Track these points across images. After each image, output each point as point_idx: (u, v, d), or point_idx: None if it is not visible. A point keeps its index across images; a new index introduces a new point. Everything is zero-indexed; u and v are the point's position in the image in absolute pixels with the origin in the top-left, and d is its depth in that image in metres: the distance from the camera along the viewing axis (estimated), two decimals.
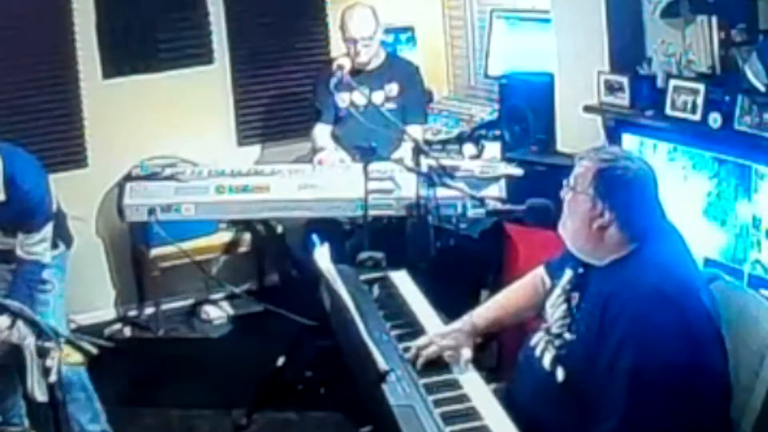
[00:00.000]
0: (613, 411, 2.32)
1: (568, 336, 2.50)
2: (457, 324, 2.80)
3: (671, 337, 2.32)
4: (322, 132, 4.78)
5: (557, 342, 2.53)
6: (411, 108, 4.70)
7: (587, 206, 2.50)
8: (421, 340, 2.70)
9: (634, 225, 2.48)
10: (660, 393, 2.29)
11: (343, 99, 4.66)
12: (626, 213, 2.47)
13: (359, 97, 4.56)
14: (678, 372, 2.30)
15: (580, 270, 2.58)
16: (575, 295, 2.56)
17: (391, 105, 4.64)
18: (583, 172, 2.53)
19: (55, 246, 3.75)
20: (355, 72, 4.63)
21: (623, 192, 2.48)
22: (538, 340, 2.63)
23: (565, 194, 2.59)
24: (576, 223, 2.54)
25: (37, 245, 3.58)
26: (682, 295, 2.38)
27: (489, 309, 2.89)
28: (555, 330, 2.56)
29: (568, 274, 2.64)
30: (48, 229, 3.61)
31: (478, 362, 2.69)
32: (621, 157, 2.56)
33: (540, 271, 2.89)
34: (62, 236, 3.83)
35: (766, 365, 2.43)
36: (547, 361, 2.54)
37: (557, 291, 2.65)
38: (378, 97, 4.66)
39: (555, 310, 2.60)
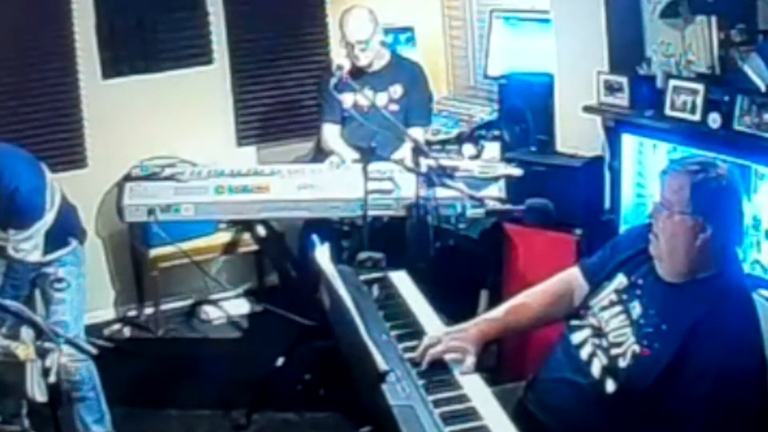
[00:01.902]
0: (680, 428, 2.31)
1: (636, 348, 2.43)
2: (468, 325, 2.73)
3: (753, 362, 2.32)
4: (331, 133, 4.77)
5: (614, 351, 2.47)
6: (414, 109, 4.70)
7: (689, 224, 2.41)
8: (429, 339, 2.65)
9: (730, 236, 2.45)
10: (728, 421, 2.28)
11: (346, 100, 4.65)
12: (725, 223, 2.43)
13: (363, 99, 4.55)
14: (749, 403, 2.30)
15: (639, 280, 2.54)
16: (635, 305, 2.50)
17: (394, 107, 4.63)
18: (676, 189, 2.44)
19: (65, 243, 3.74)
20: (360, 73, 4.63)
21: (722, 202, 2.43)
22: (582, 340, 2.56)
23: (657, 219, 2.48)
24: (676, 243, 2.45)
25: (23, 242, 3.57)
26: (757, 318, 2.38)
27: (501, 313, 2.79)
28: (613, 339, 2.49)
29: (621, 279, 2.58)
30: (37, 228, 3.58)
31: (478, 362, 2.67)
32: (710, 166, 2.48)
33: (569, 275, 2.80)
34: (72, 232, 3.81)
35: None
36: (596, 369, 2.48)
37: (609, 295, 2.58)
38: (382, 98, 4.65)
39: (611, 318, 2.53)
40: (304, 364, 4.33)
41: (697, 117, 3.57)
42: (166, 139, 5.17)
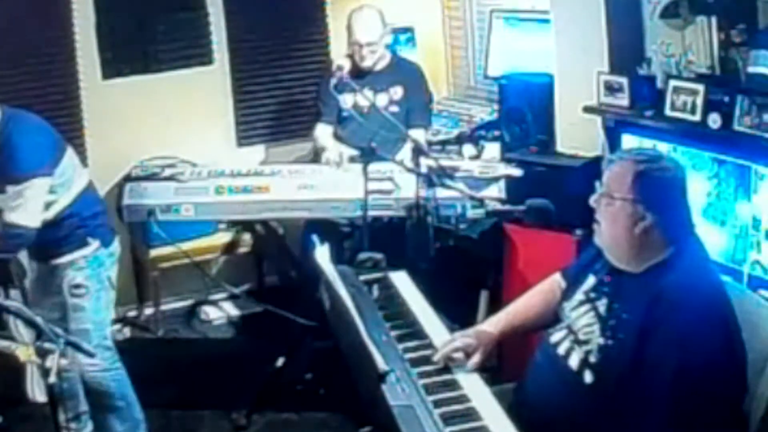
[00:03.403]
0: (654, 413, 2.32)
1: (601, 341, 2.46)
2: (480, 326, 2.80)
3: (715, 342, 2.32)
4: (323, 132, 4.77)
5: (585, 347, 2.50)
6: (415, 111, 4.70)
7: (628, 211, 2.44)
8: (444, 340, 2.71)
9: (674, 226, 2.46)
10: (702, 395, 2.29)
11: (346, 100, 4.65)
12: (667, 214, 2.44)
13: (363, 100, 4.55)
14: (719, 374, 2.31)
15: (606, 278, 2.56)
16: (602, 302, 2.53)
17: (394, 108, 4.63)
18: (620, 176, 2.47)
19: (83, 243, 3.54)
20: (360, 73, 4.63)
21: (664, 192, 2.46)
22: (560, 339, 2.60)
23: (598, 202, 2.52)
24: (617, 229, 2.48)
25: (13, 200, 3.34)
26: (721, 298, 2.39)
27: (508, 315, 2.85)
28: (582, 336, 2.53)
29: (590, 280, 2.61)
30: (32, 186, 3.34)
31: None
32: (656, 157, 2.52)
33: (556, 277, 2.85)
34: (93, 231, 3.58)
35: None
36: (574, 362, 2.52)
37: (578, 296, 2.62)
38: (382, 99, 4.65)
39: (580, 317, 2.57)
40: (304, 364, 4.33)
41: (697, 117, 3.57)
42: (166, 139, 5.17)
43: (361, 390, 2.68)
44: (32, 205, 3.39)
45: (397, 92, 4.69)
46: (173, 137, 5.19)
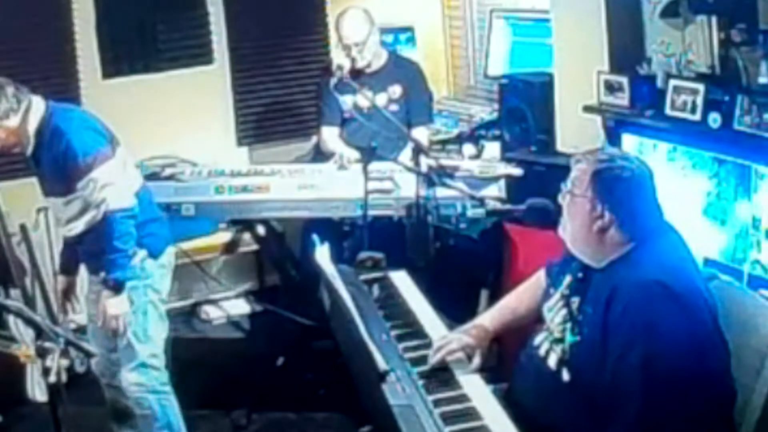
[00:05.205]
0: (627, 405, 2.33)
1: (570, 338, 2.50)
2: (471, 325, 2.81)
3: (677, 328, 2.33)
4: (330, 135, 4.75)
5: (561, 345, 2.53)
6: (415, 109, 4.69)
7: (587, 209, 2.50)
8: (439, 339, 2.72)
9: (633, 224, 2.48)
10: (672, 383, 2.30)
11: (346, 101, 4.65)
12: (625, 213, 2.47)
13: (363, 100, 4.54)
14: (687, 361, 2.31)
15: (580, 275, 2.58)
16: (575, 300, 2.55)
17: (394, 107, 4.62)
18: (581, 174, 2.54)
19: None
20: (358, 74, 4.62)
21: (622, 192, 2.49)
22: (541, 340, 2.63)
23: (563, 198, 2.58)
24: (576, 226, 2.54)
25: (98, 192, 3.24)
26: (682, 287, 2.39)
27: (501, 310, 2.90)
28: (557, 334, 2.56)
29: (567, 278, 2.63)
30: (103, 171, 3.25)
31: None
32: (618, 157, 2.56)
33: (541, 273, 2.89)
34: (141, 241, 3.40)
35: (767, 365, 2.43)
36: (552, 362, 2.54)
37: (556, 295, 2.65)
38: (381, 99, 4.64)
39: (555, 315, 2.60)
40: (304, 364, 4.33)
41: (697, 117, 3.57)
42: (166, 139, 5.16)
43: (361, 390, 2.68)
44: (120, 187, 3.30)
45: (396, 91, 4.68)
46: (173, 137, 5.19)
